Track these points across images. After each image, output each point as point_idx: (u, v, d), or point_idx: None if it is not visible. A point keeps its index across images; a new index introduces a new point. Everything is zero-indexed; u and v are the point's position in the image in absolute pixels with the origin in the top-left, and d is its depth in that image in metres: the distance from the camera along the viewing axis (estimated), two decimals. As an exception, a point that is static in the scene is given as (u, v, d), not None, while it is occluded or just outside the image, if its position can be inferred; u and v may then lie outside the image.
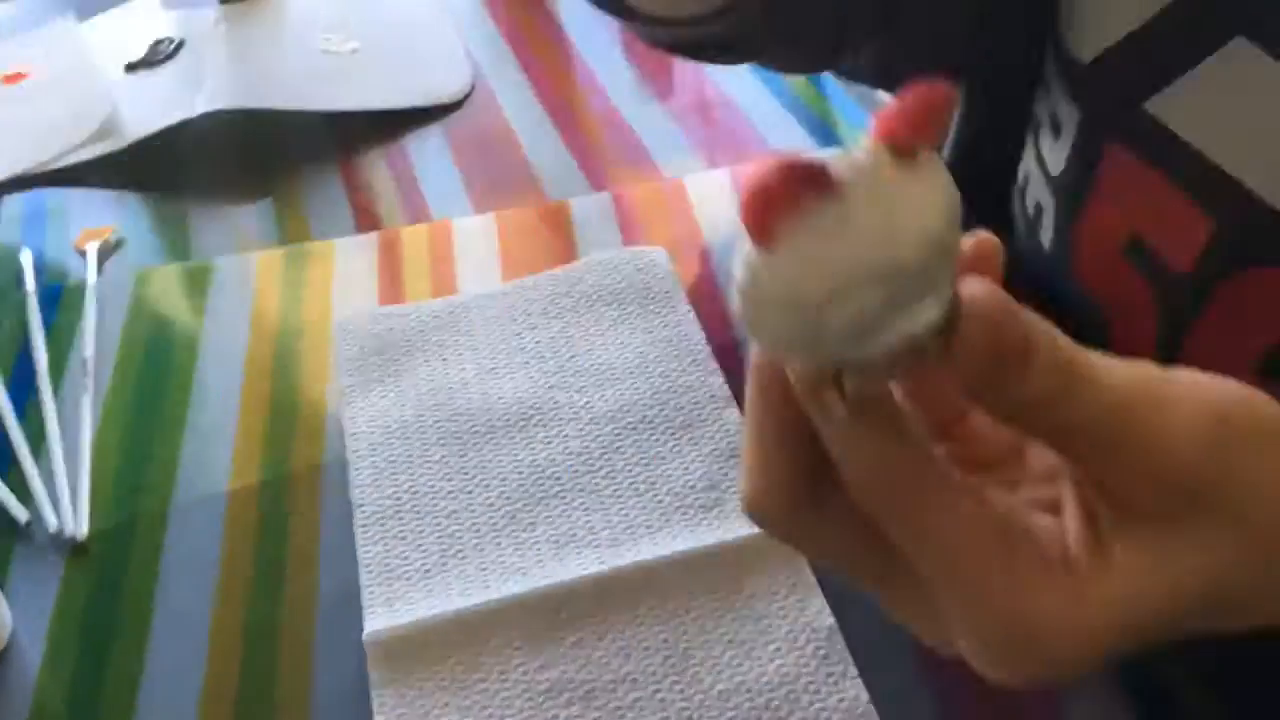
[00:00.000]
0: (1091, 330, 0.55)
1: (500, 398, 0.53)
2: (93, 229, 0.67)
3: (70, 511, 0.50)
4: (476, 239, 0.64)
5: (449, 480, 0.49)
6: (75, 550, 0.49)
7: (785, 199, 0.20)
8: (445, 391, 0.53)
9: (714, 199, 0.66)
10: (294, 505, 0.50)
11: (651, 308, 0.57)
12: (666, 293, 0.58)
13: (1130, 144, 0.50)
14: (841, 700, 0.41)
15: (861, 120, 0.74)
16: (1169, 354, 0.51)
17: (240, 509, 0.50)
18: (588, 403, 0.52)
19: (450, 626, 0.44)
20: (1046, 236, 0.57)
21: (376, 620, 0.44)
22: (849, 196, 0.20)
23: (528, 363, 0.55)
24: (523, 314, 0.58)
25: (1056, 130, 0.56)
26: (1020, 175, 0.63)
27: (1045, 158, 0.59)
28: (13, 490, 0.51)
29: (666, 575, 0.45)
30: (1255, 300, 0.46)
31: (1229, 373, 0.30)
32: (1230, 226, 0.46)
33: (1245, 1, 0.42)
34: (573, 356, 0.55)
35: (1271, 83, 0.42)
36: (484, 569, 0.46)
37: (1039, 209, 0.60)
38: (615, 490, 0.48)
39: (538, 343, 0.56)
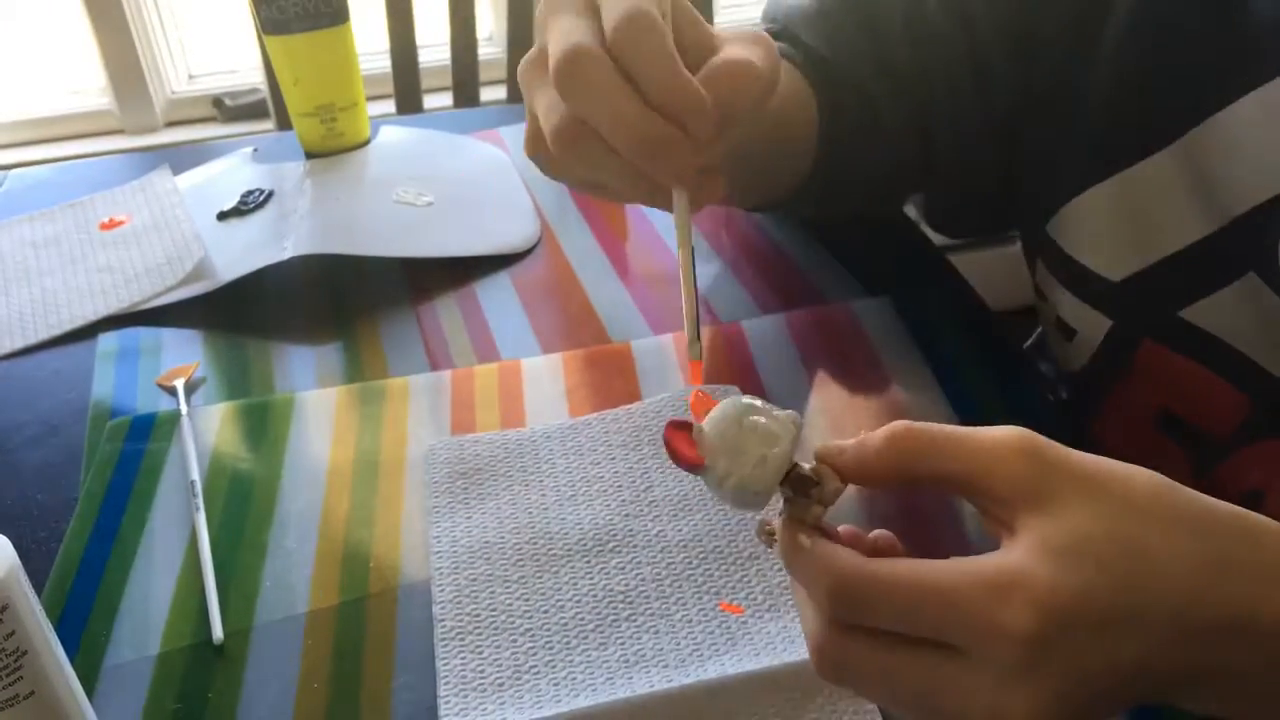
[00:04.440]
0: None
1: (578, 524, 0.55)
2: (176, 367, 0.70)
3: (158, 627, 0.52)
4: (544, 377, 0.67)
5: (526, 600, 0.51)
6: (160, 664, 0.50)
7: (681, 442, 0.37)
8: (526, 515, 0.56)
9: (769, 342, 0.69)
10: (370, 626, 0.51)
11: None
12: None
13: (1165, 341, 0.57)
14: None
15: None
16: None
17: (319, 628, 0.51)
18: (661, 532, 0.54)
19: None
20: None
21: (454, 729, 0.45)
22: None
23: (605, 491, 0.57)
24: (603, 445, 0.60)
25: (1069, 334, 0.63)
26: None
27: (1057, 356, 0.67)
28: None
29: (732, 693, 0.46)
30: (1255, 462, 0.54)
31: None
32: (1265, 404, 0.53)
33: (1257, 245, 0.50)
34: (648, 488, 0.57)
35: (1272, 305, 0.51)
36: (556, 684, 0.47)
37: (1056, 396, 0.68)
38: (685, 616, 0.50)
39: (616, 473, 0.58)
